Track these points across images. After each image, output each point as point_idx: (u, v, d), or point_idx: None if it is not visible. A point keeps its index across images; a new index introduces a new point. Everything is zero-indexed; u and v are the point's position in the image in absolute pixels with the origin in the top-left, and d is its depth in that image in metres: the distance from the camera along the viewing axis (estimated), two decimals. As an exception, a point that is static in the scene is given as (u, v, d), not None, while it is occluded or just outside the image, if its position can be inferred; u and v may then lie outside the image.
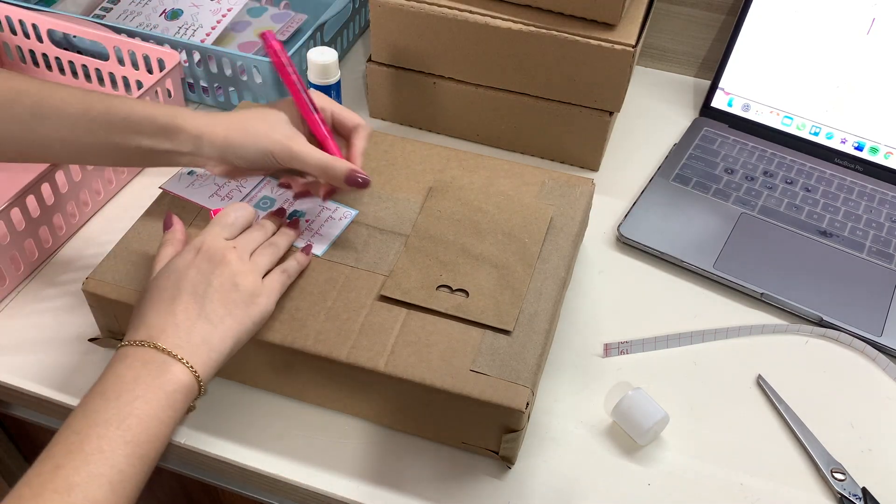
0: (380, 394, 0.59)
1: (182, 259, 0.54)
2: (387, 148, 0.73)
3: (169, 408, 0.48)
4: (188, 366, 0.49)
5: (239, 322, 0.53)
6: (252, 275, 0.55)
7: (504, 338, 0.58)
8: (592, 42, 0.77)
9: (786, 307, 0.72)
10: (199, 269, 0.53)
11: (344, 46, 1.00)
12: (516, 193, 0.69)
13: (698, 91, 0.99)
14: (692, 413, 0.65)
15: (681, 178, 0.84)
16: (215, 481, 0.67)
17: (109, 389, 0.47)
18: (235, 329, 0.53)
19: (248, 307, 0.54)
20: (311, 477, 0.59)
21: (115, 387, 0.47)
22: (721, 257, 0.76)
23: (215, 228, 0.57)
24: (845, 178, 0.85)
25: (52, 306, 0.70)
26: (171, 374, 0.49)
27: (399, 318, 0.59)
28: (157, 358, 0.49)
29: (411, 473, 0.59)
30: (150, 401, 0.47)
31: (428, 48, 0.83)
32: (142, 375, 0.48)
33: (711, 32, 0.96)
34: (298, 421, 0.62)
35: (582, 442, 0.62)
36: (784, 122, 0.89)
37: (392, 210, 0.67)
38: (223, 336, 0.52)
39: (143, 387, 0.47)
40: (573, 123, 0.84)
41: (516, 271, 0.62)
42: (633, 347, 0.69)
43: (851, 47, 0.83)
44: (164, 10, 0.97)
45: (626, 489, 0.60)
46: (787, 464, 0.62)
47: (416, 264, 0.63)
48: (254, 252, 0.58)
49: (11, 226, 0.68)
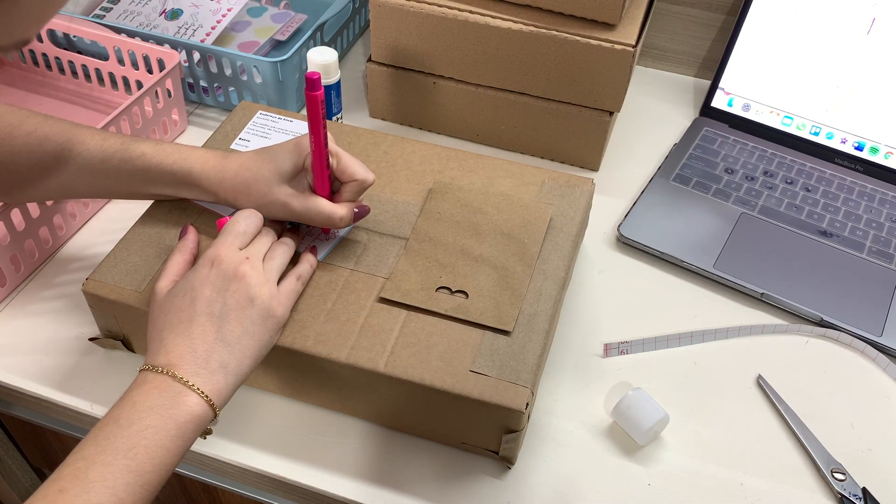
0: (380, 394, 0.59)
1: (197, 276, 0.54)
2: (387, 148, 0.73)
3: (178, 438, 0.48)
4: (203, 395, 0.50)
5: (257, 340, 0.54)
6: (267, 286, 0.55)
7: (504, 338, 0.58)
8: (592, 42, 0.77)
9: (786, 307, 0.72)
10: (214, 286, 0.53)
11: (344, 46, 1.00)
12: (516, 193, 0.69)
13: (698, 91, 0.99)
14: (692, 413, 0.65)
15: (681, 178, 0.84)
16: (215, 481, 0.67)
17: (124, 417, 0.48)
18: (253, 348, 0.53)
19: (265, 321, 0.54)
20: (311, 477, 0.59)
21: (128, 414, 0.48)
22: (721, 257, 0.76)
23: (227, 238, 0.56)
24: (845, 178, 0.85)
25: (52, 306, 0.70)
26: (185, 405, 0.49)
27: (399, 320, 0.59)
28: (172, 388, 0.49)
29: (411, 473, 0.60)
30: (159, 430, 0.48)
31: (428, 48, 0.83)
32: (156, 405, 0.48)
33: (711, 32, 0.96)
34: (298, 421, 0.62)
35: (582, 442, 0.62)
36: (784, 122, 0.89)
37: (392, 213, 0.67)
38: (240, 358, 0.52)
39: (155, 417, 0.48)
40: (573, 123, 0.84)
41: (516, 272, 0.62)
42: (633, 347, 0.69)
43: (851, 47, 0.83)
44: (164, 10, 0.97)
45: (626, 489, 0.60)
46: (787, 464, 0.62)
47: (416, 266, 0.62)
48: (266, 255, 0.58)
49: (11, 226, 0.68)
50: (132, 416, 0.48)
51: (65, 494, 0.44)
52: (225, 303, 0.53)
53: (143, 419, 0.48)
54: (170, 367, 0.50)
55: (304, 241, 0.64)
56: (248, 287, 0.54)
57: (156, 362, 0.51)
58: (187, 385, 0.50)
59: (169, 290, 0.55)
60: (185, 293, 0.54)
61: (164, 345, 0.52)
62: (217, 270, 0.54)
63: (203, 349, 0.51)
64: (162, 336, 0.52)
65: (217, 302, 0.53)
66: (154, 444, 0.47)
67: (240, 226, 0.57)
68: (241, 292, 0.54)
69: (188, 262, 0.59)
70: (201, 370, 0.51)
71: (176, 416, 0.48)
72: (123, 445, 0.46)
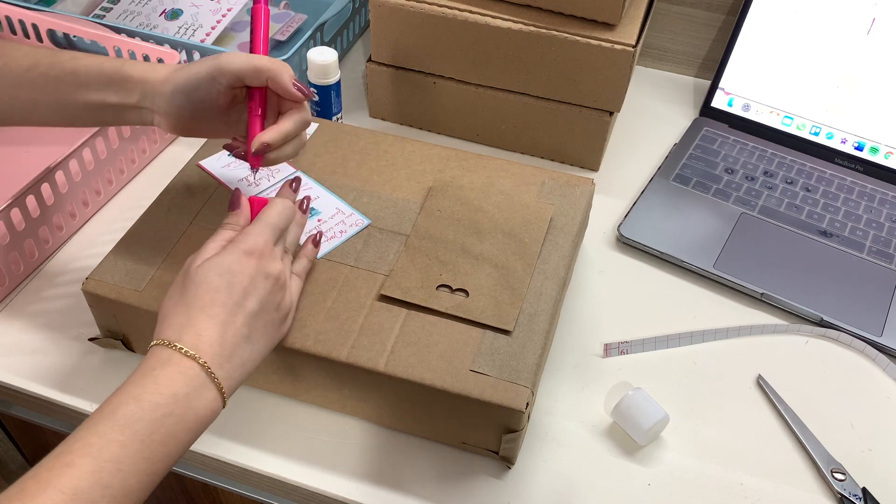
0: (380, 394, 0.59)
1: (237, 261, 0.52)
2: (387, 148, 0.73)
3: (193, 431, 0.47)
4: (223, 393, 0.48)
5: (270, 342, 0.54)
6: (289, 294, 0.55)
7: (504, 338, 0.58)
8: (592, 42, 0.77)
9: (786, 307, 0.72)
10: (253, 282, 0.52)
11: (344, 46, 1.00)
12: (516, 193, 0.69)
13: (698, 91, 0.99)
14: (692, 413, 0.65)
15: (681, 178, 0.84)
16: (215, 481, 0.67)
17: (146, 398, 0.45)
18: (266, 349, 0.53)
19: (280, 327, 0.55)
20: (311, 477, 0.59)
21: (152, 397, 0.45)
22: (721, 257, 0.75)
23: (266, 231, 0.54)
24: (845, 178, 0.85)
25: (52, 306, 0.70)
26: (207, 399, 0.48)
27: (399, 318, 0.59)
28: (199, 377, 0.47)
29: (411, 473, 0.59)
30: (179, 421, 0.46)
31: (428, 48, 0.83)
32: (180, 394, 0.46)
33: (711, 32, 0.96)
34: (298, 421, 0.62)
35: (582, 442, 0.62)
36: (784, 122, 0.89)
37: (392, 210, 0.67)
38: (256, 358, 0.52)
39: (179, 406, 0.46)
40: (573, 123, 0.84)
41: (516, 271, 0.62)
42: (633, 347, 0.69)
43: (852, 47, 0.83)
44: (164, 10, 0.97)
45: (626, 489, 0.60)
46: (787, 464, 0.62)
47: (416, 264, 0.62)
48: None
49: (11, 226, 0.68)
50: (156, 400, 0.45)
51: (73, 470, 0.42)
52: (261, 302, 0.52)
53: (166, 406, 0.45)
54: (198, 352, 0.48)
55: None
56: (284, 296, 0.54)
57: (181, 341, 0.48)
58: (212, 377, 0.48)
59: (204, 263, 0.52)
60: (223, 274, 0.51)
61: (193, 324, 0.49)
62: (259, 265, 0.52)
63: (231, 342, 0.50)
64: (191, 312, 0.50)
65: (253, 298, 0.51)
66: (171, 434, 0.45)
67: (280, 219, 0.56)
68: (276, 299, 0.53)
69: None
70: (225, 363, 0.49)
71: (197, 409, 0.47)
72: (143, 430, 0.44)
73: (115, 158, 0.79)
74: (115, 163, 0.79)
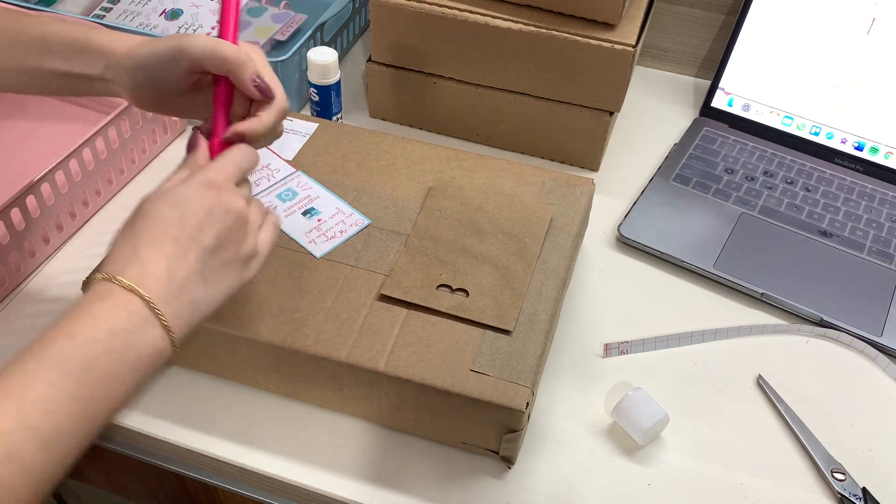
0: (380, 394, 0.59)
1: (193, 193, 0.47)
2: (387, 148, 0.73)
3: (136, 371, 0.43)
4: (170, 331, 0.45)
5: (229, 286, 0.49)
6: (253, 235, 0.50)
7: (504, 338, 0.58)
8: (592, 42, 0.77)
9: (786, 307, 0.72)
10: (210, 215, 0.47)
11: (344, 46, 1.00)
12: (516, 193, 0.69)
13: (698, 91, 0.99)
14: (692, 413, 0.65)
15: (681, 178, 0.84)
16: (215, 481, 0.67)
17: (81, 334, 0.42)
18: (223, 294, 0.48)
19: (242, 271, 0.49)
20: (311, 477, 0.59)
21: (87, 332, 0.42)
22: (721, 257, 0.76)
23: (229, 167, 0.50)
24: (845, 178, 0.85)
25: (53, 306, 0.70)
26: (150, 336, 0.44)
27: (399, 318, 0.59)
28: (141, 312, 0.44)
29: (411, 473, 0.59)
30: (119, 360, 0.42)
31: (428, 48, 0.83)
32: (120, 330, 0.43)
33: (711, 32, 0.96)
34: (299, 421, 0.62)
35: (582, 442, 0.62)
36: (784, 122, 0.89)
37: (392, 209, 0.67)
38: (211, 300, 0.47)
39: (117, 342, 0.42)
40: (573, 123, 0.84)
41: (516, 271, 0.62)
42: (633, 347, 0.69)
43: (852, 47, 0.83)
44: (164, 10, 0.97)
45: (626, 489, 0.60)
46: (787, 464, 0.62)
47: (416, 263, 0.62)
48: None
49: (11, 226, 0.68)
50: (92, 334, 0.42)
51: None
52: (218, 237, 0.47)
53: (104, 342, 0.42)
54: (143, 287, 0.44)
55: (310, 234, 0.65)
56: (246, 236, 0.49)
57: (124, 274, 0.44)
58: (157, 313, 0.44)
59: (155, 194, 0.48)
60: (175, 206, 0.47)
61: (139, 256, 0.45)
62: (219, 198, 0.48)
63: (181, 277, 0.45)
64: (137, 244, 0.46)
65: (209, 233, 0.47)
66: (110, 372, 0.42)
67: (244, 160, 0.51)
68: (238, 237, 0.49)
69: None
70: (173, 300, 0.45)
71: (138, 347, 0.43)
72: (75, 367, 0.41)
73: (116, 158, 0.79)
74: (116, 162, 0.79)
